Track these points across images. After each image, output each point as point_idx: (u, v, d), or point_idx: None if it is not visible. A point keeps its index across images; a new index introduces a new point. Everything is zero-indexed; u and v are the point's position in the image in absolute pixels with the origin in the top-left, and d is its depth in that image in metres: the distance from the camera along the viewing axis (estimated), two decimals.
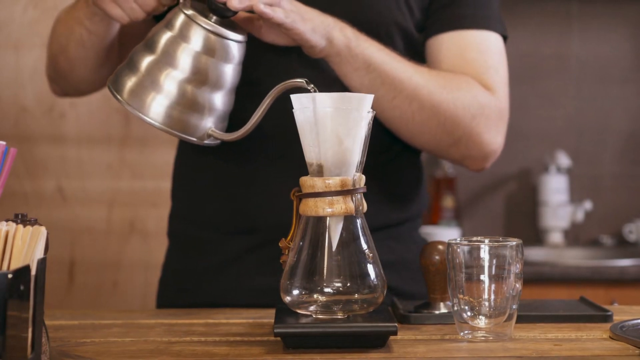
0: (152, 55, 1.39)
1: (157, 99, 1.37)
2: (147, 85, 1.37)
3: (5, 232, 0.97)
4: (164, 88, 1.37)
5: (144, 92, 1.37)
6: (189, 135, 1.38)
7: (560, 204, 3.19)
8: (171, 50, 1.38)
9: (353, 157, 1.18)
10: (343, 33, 1.46)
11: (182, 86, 1.37)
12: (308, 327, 1.16)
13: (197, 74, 1.37)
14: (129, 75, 1.38)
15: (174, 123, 1.37)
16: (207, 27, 1.38)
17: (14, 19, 2.66)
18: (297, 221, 1.21)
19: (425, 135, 1.54)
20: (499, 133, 1.56)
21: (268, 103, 1.34)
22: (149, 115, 1.36)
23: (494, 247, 1.20)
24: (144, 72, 1.38)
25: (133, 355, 1.16)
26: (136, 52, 1.40)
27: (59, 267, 2.65)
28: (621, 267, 2.76)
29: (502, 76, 1.58)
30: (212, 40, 1.38)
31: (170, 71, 1.37)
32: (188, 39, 1.38)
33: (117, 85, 1.39)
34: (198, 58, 1.38)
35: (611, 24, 3.30)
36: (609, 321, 1.33)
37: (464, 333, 1.22)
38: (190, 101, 1.37)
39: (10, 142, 1.09)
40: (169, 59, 1.37)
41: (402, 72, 1.49)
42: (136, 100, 1.37)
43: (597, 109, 3.31)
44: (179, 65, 1.37)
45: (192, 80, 1.37)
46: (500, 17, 1.62)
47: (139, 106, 1.37)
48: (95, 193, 2.63)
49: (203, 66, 1.38)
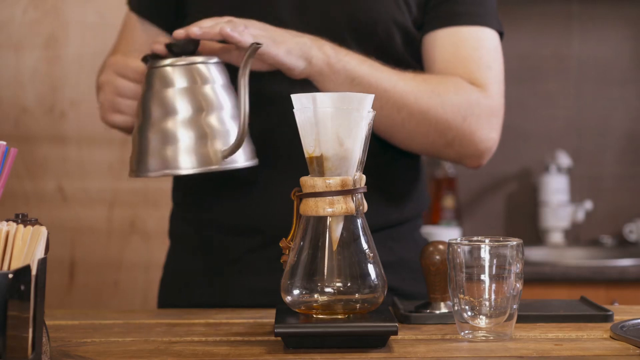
0: (140, 121, 1.39)
1: (165, 152, 1.37)
2: (152, 147, 1.37)
3: (5, 232, 0.97)
4: (166, 138, 1.37)
5: (150, 156, 1.37)
6: (209, 166, 1.37)
7: (561, 204, 3.19)
8: (148, 104, 1.38)
9: (353, 157, 1.18)
10: (322, 51, 1.46)
11: (179, 125, 1.37)
12: (308, 327, 1.16)
13: (185, 109, 1.37)
14: (135, 152, 1.39)
15: (197, 160, 1.36)
16: (168, 63, 1.39)
17: (14, 19, 2.66)
18: (297, 221, 1.21)
19: (417, 140, 1.55)
20: (492, 130, 1.56)
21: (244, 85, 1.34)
22: (177, 168, 1.37)
23: (495, 247, 1.20)
24: (142, 139, 1.38)
25: (134, 355, 1.16)
26: (134, 133, 1.41)
27: (59, 267, 2.65)
28: (622, 267, 2.76)
29: (496, 72, 1.58)
30: (182, 70, 1.39)
31: (159, 122, 1.37)
32: (158, 84, 1.39)
33: (137, 170, 1.39)
34: (178, 94, 1.38)
35: (611, 24, 3.30)
36: (609, 321, 1.33)
37: (464, 333, 1.22)
38: (193, 134, 1.37)
39: (11, 142, 1.09)
40: (149, 113, 1.38)
41: (387, 81, 1.49)
42: (154, 165, 1.37)
43: (598, 109, 3.31)
44: (160, 112, 1.38)
45: (184, 116, 1.37)
46: (496, 13, 1.62)
47: (160, 167, 1.37)
48: (96, 193, 2.63)
49: (191, 98, 1.38)
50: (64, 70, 2.67)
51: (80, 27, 2.68)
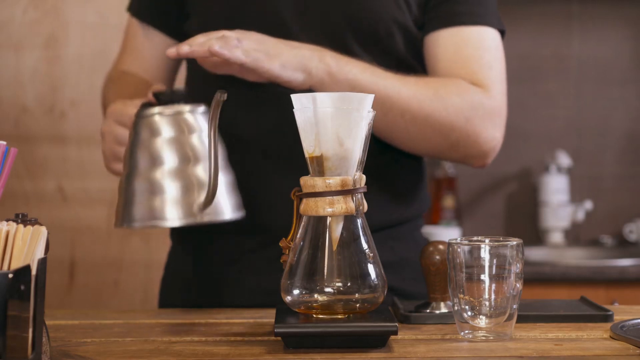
0: (127, 171, 1.37)
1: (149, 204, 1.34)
2: (138, 197, 1.34)
3: (5, 232, 0.97)
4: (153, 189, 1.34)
5: (136, 206, 1.34)
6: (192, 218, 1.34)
7: (561, 204, 3.19)
8: (135, 154, 1.36)
9: (353, 157, 1.18)
10: (323, 61, 1.45)
11: (167, 177, 1.34)
12: (308, 327, 1.16)
13: (171, 159, 1.35)
14: (121, 202, 1.36)
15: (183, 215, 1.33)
16: (155, 113, 1.37)
17: (14, 19, 2.66)
18: (297, 221, 1.21)
19: (421, 144, 1.55)
20: (496, 129, 1.56)
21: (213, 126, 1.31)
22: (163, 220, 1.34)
23: (495, 247, 1.20)
24: (128, 189, 1.35)
25: (134, 355, 1.16)
26: (120, 182, 1.39)
27: (59, 267, 2.65)
28: (622, 267, 2.76)
29: (498, 72, 1.58)
30: (169, 120, 1.36)
31: (144, 172, 1.35)
32: (145, 133, 1.36)
33: (122, 220, 1.36)
34: (164, 144, 1.35)
35: (611, 24, 3.29)
36: (609, 321, 1.33)
37: (464, 333, 1.22)
38: (183, 185, 1.34)
39: (11, 142, 1.09)
40: (135, 163, 1.36)
41: (390, 88, 1.48)
42: (139, 215, 1.34)
43: (598, 109, 3.31)
44: (146, 163, 1.35)
45: (168, 167, 1.35)
46: (497, 11, 1.62)
47: (146, 219, 1.34)
48: (96, 193, 2.63)
49: (177, 148, 1.35)
50: (64, 70, 2.67)
51: (80, 27, 2.68)
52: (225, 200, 1.35)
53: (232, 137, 1.59)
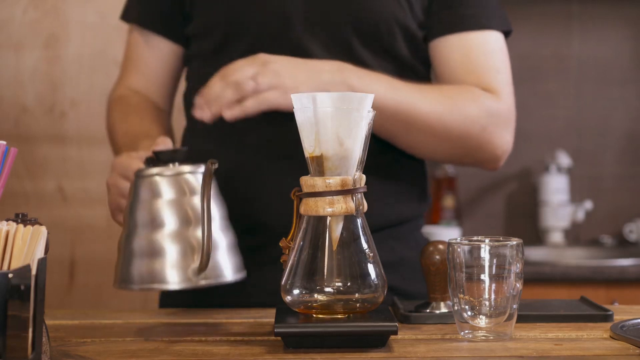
0: (127, 231, 1.33)
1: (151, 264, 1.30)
2: (138, 259, 1.31)
3: (5, 232, 0.97)
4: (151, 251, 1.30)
5: (135, 268, 1.31)
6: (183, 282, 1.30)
7: (561, 204, 3.19)
8: (135, 214, 1.32)
9: (353, 156, 1.18)
10: (346, 83, 1.46)
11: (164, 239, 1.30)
12: (308, 327, 1.16)
13: (172, 221, 1.31)
14: (120, 262, 1.33)
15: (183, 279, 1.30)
16: (155, 173, 1.33)
17: (14, 19, 2.66)
18: (297, 221, 1.21)
19: (438, 153, 1.60)
20: (508, 133, 1.59)
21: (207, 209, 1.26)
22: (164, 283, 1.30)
23: (495, 247, 1.20)
24: (128, 250, 1.32)
25: (133, 355, 1.16)
26: (120, 241, 1.34)
27: (59, 266, 2.65)
28: (622, 267, 2.76)
29: (505, 75, 1.60)
30: (170, 181, 1.32)
31: (143, 233, 1.31)
32: (145, 194, 1.32)
33: (121, 281, 1.32)
34: (165, 205, 1.31)
35: (611, 24, 3.29)
36: (609, 321, 1.33)
37: (464, 333, 1.22)
38: (181, 248, 1.30)
39: (11, 142, 1.09)
40: (135, 223, 1.32)
41: (412, 105, 1.50)
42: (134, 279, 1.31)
43: (598, 109, 3.31)
44: (145, 223, 1.31)
45: (168, 229, 1.31)
46: (501, 11, 1.63)
47: (143, 282, 1.31)
48: (96, 193, 2.63)
49: (178, 210, 1.31)
50: (64, 70, 2.67)
51: (80, 27, 2.68)
52: (225, 262, 1.31)
53: (232, 137, 1.59)
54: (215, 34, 1.60)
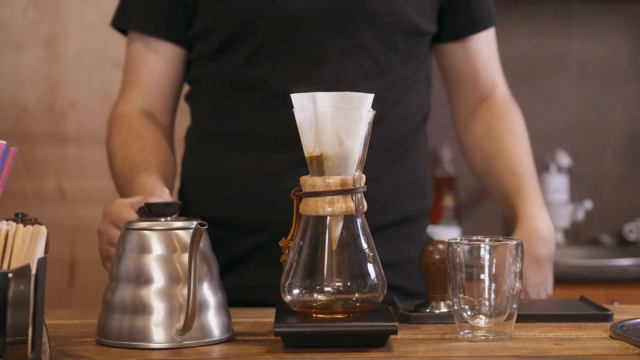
0: (112, 284, 1.26)
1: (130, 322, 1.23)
2: (122, 315, 1.24)
3: (5, 232, 0.97)
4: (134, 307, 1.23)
5: (119, 324, 1.23)
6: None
7: (561, 204, 3.18)
8: (122, 268, 1.25)
9: (353, 156, 1.18)
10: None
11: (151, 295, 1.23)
12: (308, 327, 1.16)
13: (159, 277, 1.23)
14: (102, 315, 1.26)
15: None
16: (145, 227, 1.25)
17: (14, 18, 2.66)
18: (297, 220, 1.21)
19: None
20: None
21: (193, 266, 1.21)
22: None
23: (494, 247, 1.20)
24: (112, 304, 1.25)
25: (133, 355, 1.16)
26: (105, 293, 1.28)
27: (59, 266, 2.65)
28: (621, 267, 2.76)
29: (499, 63, 1.74)
30: (160, 235, 1.25)
31: (126, 286, 1.24)
32: (133, 247, 1.25)
33: (102, 336, 1.25)
34: (153, 261, 1.24)
35: (611, 24, 3.29)
36: (609, 320, 1.33)
37: (464, 332, 1.22)
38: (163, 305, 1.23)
39: (11, 141, 1.09)
40: (121, 277, 1.25)
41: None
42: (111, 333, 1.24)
43: (598, 109, 3.30)
44: (130, 277, 1.24)
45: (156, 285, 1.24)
46: (494, 5, 1.72)
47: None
48: (96, 192, 2.63)
49: (167, 266, 1.24)
50: (64, 70, 2.67)
51: (80, 27, 2.68)
52: (213, 322, 1.24)
53: (232, 137, 1.59)
54: (220, 34, 1.57)
